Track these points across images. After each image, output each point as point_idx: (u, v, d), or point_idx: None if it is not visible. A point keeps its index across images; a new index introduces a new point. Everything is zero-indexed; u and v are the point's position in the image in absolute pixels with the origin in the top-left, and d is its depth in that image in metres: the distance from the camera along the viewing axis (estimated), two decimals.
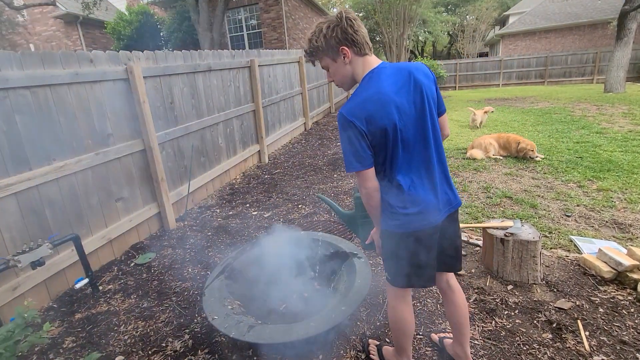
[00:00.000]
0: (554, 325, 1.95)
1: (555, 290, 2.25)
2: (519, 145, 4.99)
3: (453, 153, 5.67)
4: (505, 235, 2.35)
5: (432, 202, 1.35)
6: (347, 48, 1.30)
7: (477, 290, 2.30)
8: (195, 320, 2.23)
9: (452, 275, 1.62)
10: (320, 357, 1.86)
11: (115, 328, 2.22)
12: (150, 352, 2.00)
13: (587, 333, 1.89)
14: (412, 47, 27.46)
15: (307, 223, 3.51)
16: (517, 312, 2.09)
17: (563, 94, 11.88)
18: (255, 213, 3.88)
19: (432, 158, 1.35)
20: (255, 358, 1.88)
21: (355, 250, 2.30)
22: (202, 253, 3.09)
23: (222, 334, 2.01)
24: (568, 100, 10.30)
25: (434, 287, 1.88)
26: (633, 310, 2.02)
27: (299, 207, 3.96)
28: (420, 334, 1.97)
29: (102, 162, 2.93)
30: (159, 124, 3.59)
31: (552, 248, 2.75)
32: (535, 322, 2.00)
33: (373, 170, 1.32)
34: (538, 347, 1.82)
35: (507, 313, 2.08)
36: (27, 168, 2.40)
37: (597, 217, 3.18)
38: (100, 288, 2.66)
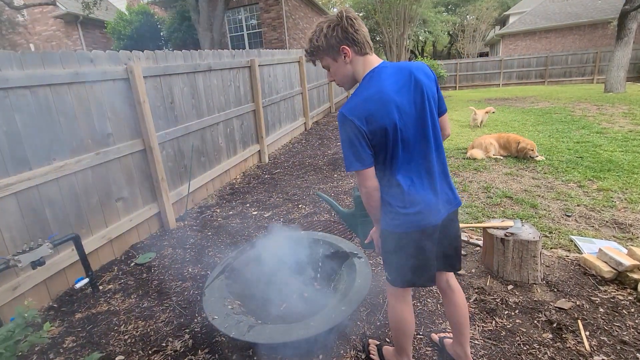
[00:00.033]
0: (554, 325, 1.95)
1: (556, 290, 2.25)
2: (519, 145, 4.99)
3: (453, 153, 5.67)
4: (506, 235, 2.35)
5: (432, 201, 1.35)
6: (347, 47, 1.30)
7: (477, 290, 2.30)
8: (196, 320, 2.23)
9: (451, 275, 1.62)
10: (320, 357, 1.86)
11: (116, 328, 2.22)
12: (151, 351, 2.00)
13: (587, 333, 1.89)
14: (412, 47, 27.46)
15: (307, 223, 3.51)
16: (517, 312, 2.09)
17: (563, 94, 11.88)
18: (256, 213, 3.88)
19: (432, 158, 1.35)
20: (255, 358, 1.88)
21: (356, 250, 2.30)
22: (202, 253, 3.09)
23: (222, 334, 2.01)
24: (568, 100, 10.29)
25: (434, 287, 1.88)
26: (633, 310, 2.02)
27: (299, 206, 3.96)
28: (421, 334, 1.97)
29: (102, 162, 2.93)
30: (159, 124, 3.59)
31: (552, 248, 2.75)
32: (536, 322, 2.00)
33: (373, 170, 1.32)
34: (538, 347, 1.82)
35: (507, 313, 2.08)
36: (27, 168, 2.40)
37: (597, 217, 3.18)
38: (101, 288, 2.66)
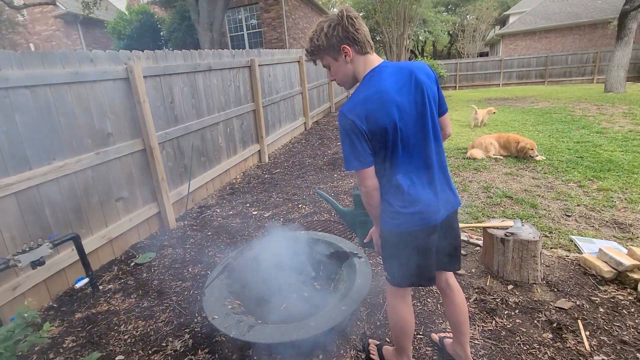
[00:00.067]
0: (555, 325, 1.95)
1: (556, 290, 2.24)
2: (519, 145, 4.99)
3: (453, 153, 5.67)
4: (506, 235, 2.35)
5: (431, 201, 1.35)
6: (348, 47, 1.30)
7: (477, 290, 2.30)
8: (196, 320, 2.23)
9: (451, 275, 1.62)
10: (320, 356, 1.86)
11: (116, 328, 2.22)
12: (151, 351, 2.00)
13: (587, 333, 1.89)
14: (412, 46, 27.44)
15: (307, 223, 3.51)
16: (517, 311, 2.09)
17: (563, 94, 11.87)
18: (256, 212, 3.87)
19: (432, 158, 1.35)
20: (256, 358, 1.88)
21: (356, 250, 2.30)
22: (202, 253, 3.09)
23: (222, 334, 2.01)
24: (568, 100, 10.29)
25: (434, 286, 1.88)
26: (633, 310, 2.02)
27: (299, 206, 3.96)
28: (421, 334, 1.97)
29: (102, 161, 2.93)
30: (159, 124, 3.59)
31: (552, 248, 2.75)
32: (536, 321, 2.00)
33: (372, 169, 1.32)
34: (538, 346, 1.82)
35: (507, 313, 2.08)
36: (27, 168, 2.40)
37: (597, 216, 3.18)
38: (101, 287, 2.66)
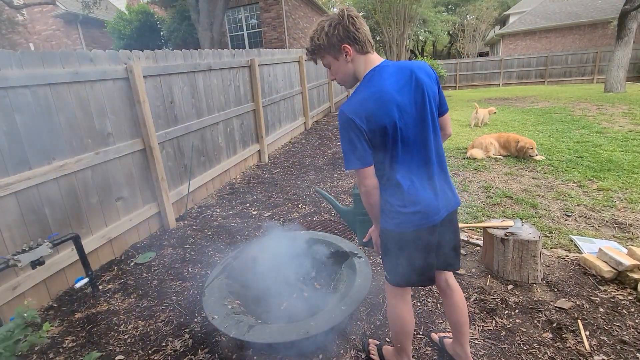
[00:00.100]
0: (554, 325, 1.95)
1: (556, 290, 2.24)
2: (518, 144, 4.98)
3: (453, 152, 5.67)
4: (506, 235, 2.35)
5: (431, 201, 1.35)
6: (349, 46, 1.30)
7: (477, 290, 2.30)
8: (195, 320, 2.23)
9: (451, 275, 1.61)
10: (320, 356, 1.86)
11: (115, 327, 2.22)
12: (150, 351, 2.00)
13: (587, 333, 1.89)
14: (412, 46, 27.45)
15: (307, 222, 3.51)
16: (517, 311, 2.09)
17: (563, 94, 11.87)
18: (255, 212, 3.87)
19: (431, 157, 1.35)
20: (255, 358, 1.88)
21: (356, 250, 2.30)
22: (202, 252, 3.09)
23: (222, 334, 2.01)
24: (568, 100, 10.29)
25: (434, 286, 1.88)
26: (633, 310, 2.02)
27: (299, 206, 3.95)
28: (421, 334, 1.97)
29: (102, 161, 2.93)
30: (159, 124, 3.59)
31: (552, 248, 2.75)
32: (536, 321, 2.00)
33: (372, 169, 1.32)
34: (538, 346, 1.82)
35: (507, 313, 2.08)
36: (26, 167, 2.40)
37: (597, 216, 3.18)
38: (100, 287, 2.66)
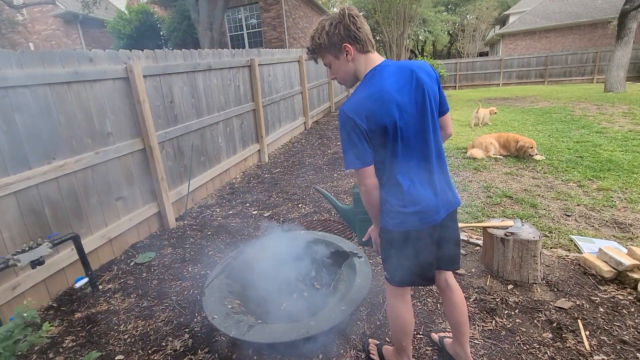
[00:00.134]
0: (554, 325, 1.95)
1: (556, 290, 2.24)
2: (518, 144, 4.98)
3: (453, 152, 5.67)
4: (506, 235, 2.35)
5: (431, 201, 1.35)
6: (349, 45, 1.30)
7: (477, 290, 2.30)
8: (195, 320, 2.23)
9: (450, 274, 1.61)
10: (320, 356, 1.85)
11: (115, 327, 2.22)
12: (150, 351, 2.00)
13: (587, 332, 1.89)
14: (412, 46, 27.45)
15: (307, 222, 3.51)
16: (517, 311, 2.08)
17: (563, 94, 11.87)
18: (255, 212, 3.87)
19: (431, 157, 1.34)
20: (255, 357, 1.88)
21: (356, 250, 2.30)
22: (201, 252, 3.09)
23: (222, 334, 2.01)
24: (568, 100, 10.29)
25: (433, 286, 1.87)
26: (633, 310, 2.02)
27: (299, 206, 3.95)
28: (420, 334, 1.97)
29: (101, 161, 2.93)
30: (159, 123, 3.59)
31: (552, 247, 2.75)
32: (536, 321, 2.00)
33: (372, 168, 1.32)
34: (538, 346, 1.82)
35: (507, 312, 2.08)
36: (26, 167, 2.39)
37: (597, 216, 3.18)
38: (100, 287, 2.66)
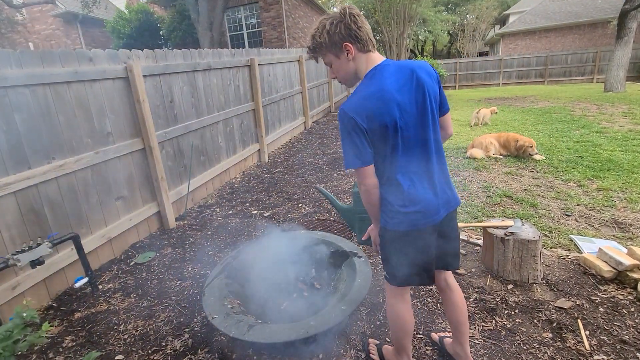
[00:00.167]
0: (554, 325, 1.95)
1: (556, 290, 2.24)
2: (518, 143, 4.98)
3: (453, 152, 5.67)
4: (506, 235, 2.35)
5: (431, 201, 1.35)
6: (350, 44, 1.29)
7: (477, 290, 2.30)
8: (195, 320, 2.23)
9: (450, 274, 1.61)
10: (320, 356, 1.85)
11: (115, 327, 2.22)
12: (150, 351, 2.00)
13: (587, 332, 1.89)
14: (412, 46, 27.46)
15: (307, 222, 3.51)
16: (517, 311, 2.08)
17: (563, 93, 11.88)
18: (255, 212, 3.87)
19: (432, 157, 1.34)
20: (255, 357, 1.88)
21: (356, 250, 2.30)
22: (201, 252, 3.09)
23: (222, 333, 2.01)
24: (568, 100, 10.29)
25: (433, 286, 1.87)
26: (633, 310, 2.02)
27: (299, 206, 3.95)
28: (420, 333, 1.97)
29: (101, 161, 2.92)
30: (159, 123, 3.58)
31: (552, 247, 2.75)
32: (536, 321, 2.00)
33: (372, 168, 1.32)
34: (538, 346, 1.82)
35: (507, 312, 2.08)
36: (26, 167, 2.39)
37: (597, 216, 3.18)
38: (100, 287, 2.66)
